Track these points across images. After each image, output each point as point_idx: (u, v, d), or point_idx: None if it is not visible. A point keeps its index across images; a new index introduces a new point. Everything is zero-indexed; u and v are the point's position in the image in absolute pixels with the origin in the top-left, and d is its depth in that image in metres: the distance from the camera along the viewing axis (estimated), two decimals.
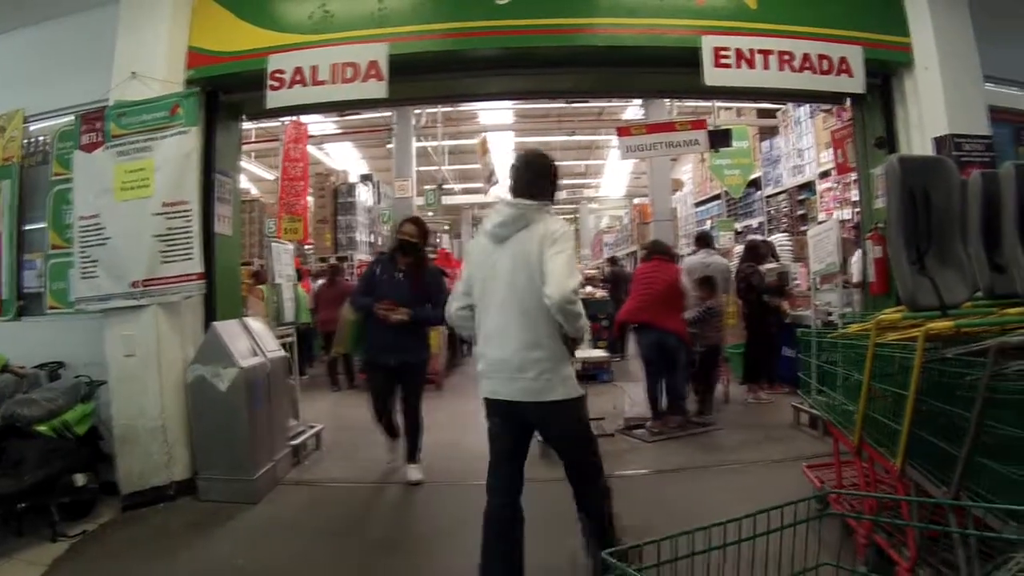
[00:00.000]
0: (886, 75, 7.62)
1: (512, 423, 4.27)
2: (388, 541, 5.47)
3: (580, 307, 3.99)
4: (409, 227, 7.14)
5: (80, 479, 6.05)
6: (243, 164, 17.38)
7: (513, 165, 4.47)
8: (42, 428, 5.87)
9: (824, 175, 14.38)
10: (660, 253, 9.05)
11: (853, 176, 9.28)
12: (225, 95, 7.54)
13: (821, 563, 2.16)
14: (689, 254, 13.20)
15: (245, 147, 16.22)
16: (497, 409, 4.26)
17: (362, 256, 18.34)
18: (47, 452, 5.78)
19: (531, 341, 4.04)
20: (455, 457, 7.78)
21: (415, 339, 7.05)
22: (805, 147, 15.41)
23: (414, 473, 7.04)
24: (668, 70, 7.83)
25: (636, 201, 26.26)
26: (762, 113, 17.74)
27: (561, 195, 29.35)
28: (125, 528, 6.00)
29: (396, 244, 7.26)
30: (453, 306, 4.49)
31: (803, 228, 14.42)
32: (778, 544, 2.02)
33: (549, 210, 4.34)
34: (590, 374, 10.71)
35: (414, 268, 7.05)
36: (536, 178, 4.38)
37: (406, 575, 4.95)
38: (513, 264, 4.11)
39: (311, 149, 17.09)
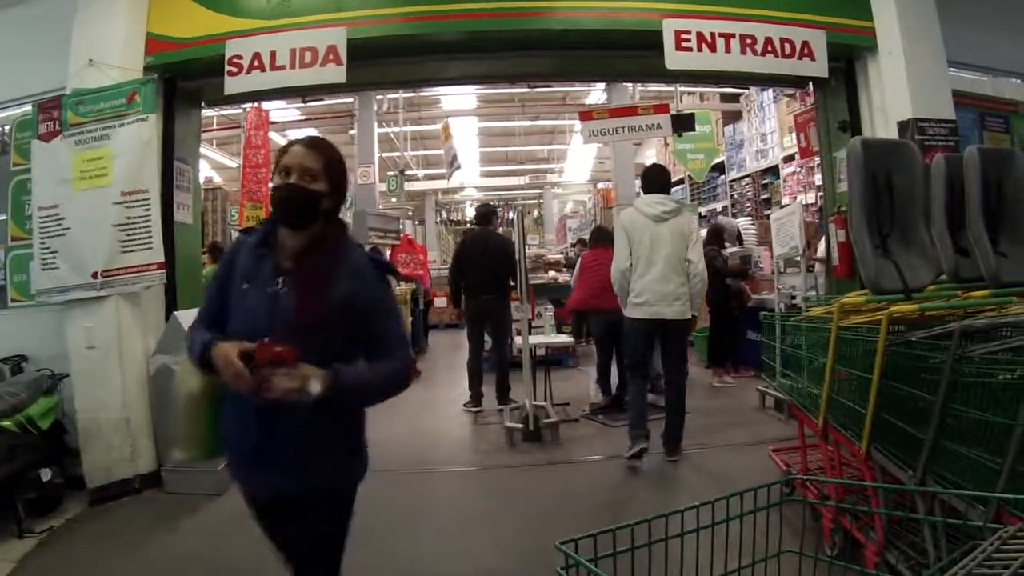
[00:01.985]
0: (849, 59, 7.66)
1: (652, 333, 6.89)
2: (353, 529, 5.44)
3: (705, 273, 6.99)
4: (299, 154, 2.89)
5: (46, 474, 5.95)
6: (205, 152, 17.24)
7: (651, 173, 7.35)
8: (5, 423, 5.79)
9: (788, 159, 14.48)
10: (603, 241, 9.30)
11: (817, 160, 9.32)
12: (184, 82, 7.44)
13: (783, 550, 2.14)
14: None
15: (207, 134, 16.12)
16: (650, 324, 6.79)
17: None
18: (11, 447, 5.69)
19: (682, 282, 6.76)
20: (420, 444, 7.81)
21: (325, 435, 2.84)
22: (768, 131, 15.52)
23: None
24: (629, 53, 7.81)
25: (600, 186, 26.24)
26: (725, 98, 17.82)
27: (524, 180, 29.61)
28: (92, 522, 5.92)
29: (273, 199, 2.92)
30: (624, 264, 6.85)
31: (767, 212, 14.51)
32: (739, 530, 2.00)
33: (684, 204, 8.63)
34: (554, 359, 10.71)
35: (314, 260, 2.84)
36: (668, 184, 7.40)
37: (370, 563, 4.93)
38: (672, 236, 6.80)
39: (273, 135, 16.88)
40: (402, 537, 5.30)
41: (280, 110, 18.82)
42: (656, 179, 7.22)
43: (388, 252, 14.92)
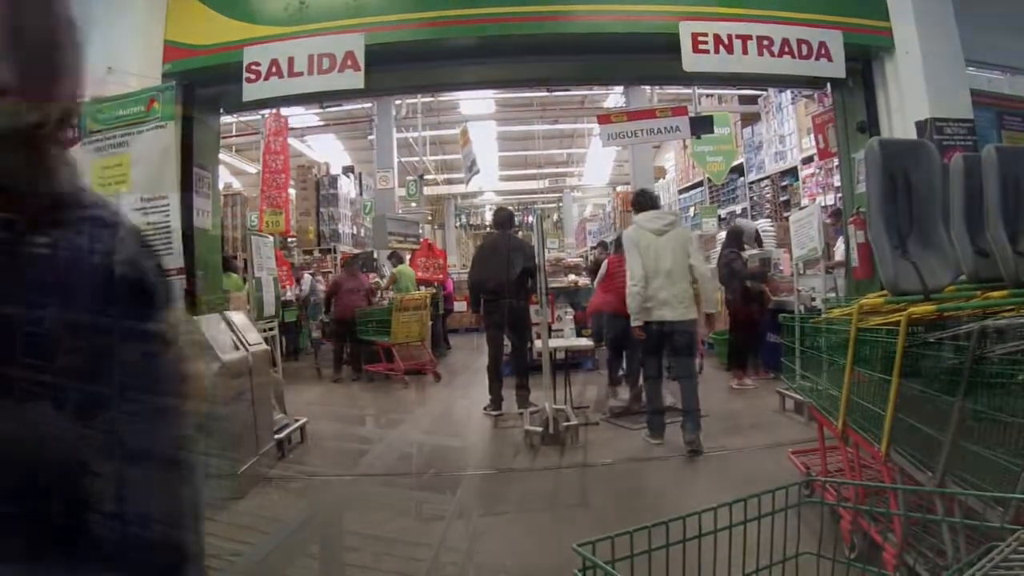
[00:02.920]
0: (867, 59, 7.62)
1: (661, 334, 7.24)
2: (370, 534, 5.46)
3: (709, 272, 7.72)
4: None
5: None
6: (225, 158, 17.31)
7: (641, 198, 7.91)
8: None
9: (807, 161, 14.44)
10: None
11: (835, 161, 9.29)
12: (202, 88, 7.48)
13: (802, 552, 2.13)
14: None
15: (226, 141, 16.19)
16: (660, 326, 7.19)
17: (345, 248, 18.18)
18: None
19: (685, 287, 7.23)
20: (440, 447, 7.82)
21: None
22: (787, 133, 15.48)
23: None
24: (647, 56, 7.83)
25: (619, 189, 26.22)
26: (744, 100, 17.77)
27: (543, 184, 29.65)
28: None
29: None
30: (639, 275, 7.15)
31: (786, 214, 14.46)
32: (757, 532, 2.00)
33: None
34: (573, 362, 10.69)
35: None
36: (658, 201, 8.23)
37: (388, 567, 4.93)
38: (673, 247, 7.26)
39: (292, 141, 17.00)
40: (421, 541, 5.30)
41: (299, 116, 18.89)
42: (647, 201, 7.88)
43: (408, 256, 14.91)
